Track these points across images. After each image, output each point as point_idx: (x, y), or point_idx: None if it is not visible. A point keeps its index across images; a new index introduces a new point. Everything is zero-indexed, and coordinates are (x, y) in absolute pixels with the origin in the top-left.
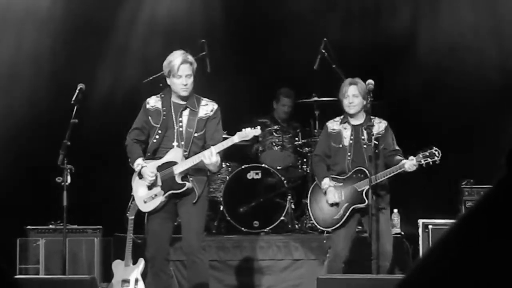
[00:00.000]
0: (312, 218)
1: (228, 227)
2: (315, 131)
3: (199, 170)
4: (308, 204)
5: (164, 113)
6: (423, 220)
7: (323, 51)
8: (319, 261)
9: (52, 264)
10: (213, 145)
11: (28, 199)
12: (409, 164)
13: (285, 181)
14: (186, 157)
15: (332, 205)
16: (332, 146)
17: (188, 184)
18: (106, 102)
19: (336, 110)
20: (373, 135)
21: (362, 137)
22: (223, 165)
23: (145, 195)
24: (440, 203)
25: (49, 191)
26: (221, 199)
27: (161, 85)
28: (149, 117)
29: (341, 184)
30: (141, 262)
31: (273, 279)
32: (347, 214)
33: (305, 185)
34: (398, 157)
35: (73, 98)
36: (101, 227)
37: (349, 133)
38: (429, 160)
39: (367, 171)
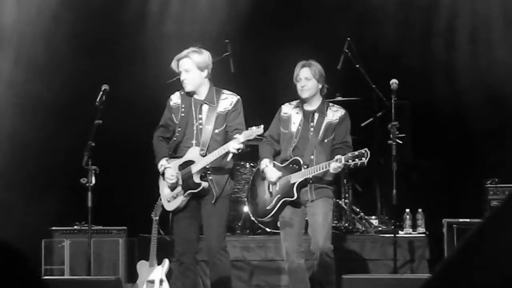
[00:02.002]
0: (248, 208)
1: (252, 227)
2: None
3: (218, 168)
4: (247, 193)
5: (183, 109)
6: (448, 219)
7: (347, 51)
8: (342, 260)
9: (77, 265)
10: (233, 138)
11: (53, 200)
12: (334, 165)
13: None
14: (203, 156)
15: (272, 184)
16: (281, 131)
17: (204, 184)
18: (131, 103)
19: (361, 109)
20: (397, 133)
21: (311, 123)
22: (247, 166)
23: (168, 194)
24: (465, 203)
25: (73, 192)
26: (245, 199)
27: None
28: (172, 114)
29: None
30: (166, 263)
31: None
32: (278, 205)
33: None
34: (339, 155)
35: (97, 99)
36: (125, 227)
37: (299, 118)
38: (357, 161)
39: (302, 162)
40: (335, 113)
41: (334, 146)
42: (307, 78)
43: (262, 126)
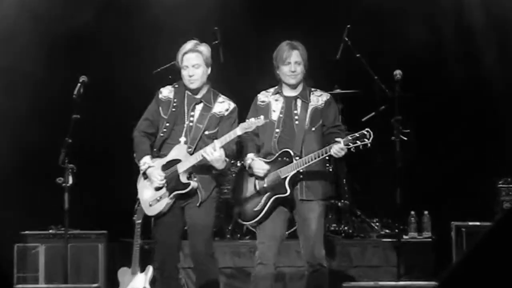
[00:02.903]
0: (235, 211)
1: (243, 231)
2: None
3: (205, 169)
4: (231, 195)
5: (175, 105)
6: (457, 222)
7: (346, 39)
8: (342, 267)
9: (53, 272)
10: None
11: (27, 202)
12: (336, 148)
13: None
14: (191, 154)
15: (260, 180)
16: None
17: (193, 184)
18: (112, 96)
19: (362, 103)
20: (400, 129)
21: (295, 111)
22: (238, 164)
23: (150, 198)
24: (475, 204)
25: (49, 193)
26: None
27: (170, 77)
28: (160, 108)
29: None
30: (149, 270)
31: (292, 287)
32: (268, 205)
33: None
34: (337, 135)
35: (75, 92)
36: (105, 231)
37: (280, 105)
38: (359, 143)
39: (293, 154)
40: (319, 98)
41: (324, 132)
42: (297, 62)
43: (262, 116)
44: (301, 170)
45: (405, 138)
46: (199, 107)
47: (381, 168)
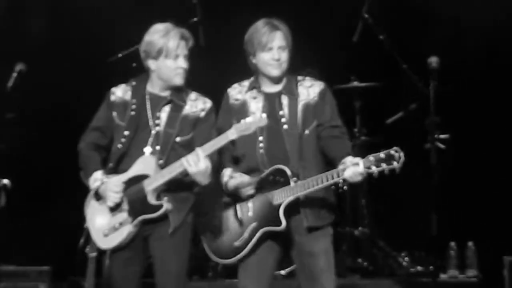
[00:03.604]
0: (206, 245)
1: (228, 267)
2: (355, 130)
3: (180, 186)
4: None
5: (134, 107)
6: (510, 257)
7: (366, 15)
8: None
9: None
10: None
11: None
12: (353, 172)
13: None
14: (162, 168)
15: (243, 203)
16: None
17: (166, 205)
18: (56, 90)
19: (387, 99)
20: (438, 134)
21: (281, 112)
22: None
23: (105, 225)
24: None
25: None
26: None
27: (134, 64)
28: (114, 113)
29: None
30: None
31: None
32: (254, 240)
33: (341, 207)
34: (341, 144)
35: (9, 84)
36: (49, 268)
37: (260, 105)
38: (384, 167)
39: (289, 173)
40: (310, 90)
41: (322, 133)
42: (281, 47)
43: (264, 115)
44: (301, 197)
45: (443, 146)
46: (166, 107)
47: (411, 185)
